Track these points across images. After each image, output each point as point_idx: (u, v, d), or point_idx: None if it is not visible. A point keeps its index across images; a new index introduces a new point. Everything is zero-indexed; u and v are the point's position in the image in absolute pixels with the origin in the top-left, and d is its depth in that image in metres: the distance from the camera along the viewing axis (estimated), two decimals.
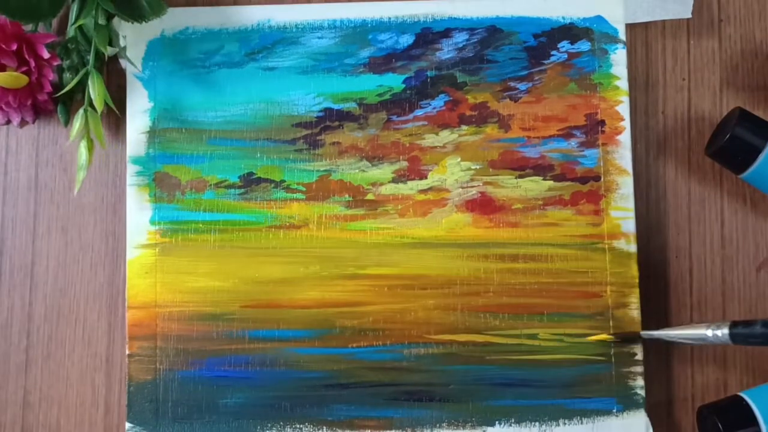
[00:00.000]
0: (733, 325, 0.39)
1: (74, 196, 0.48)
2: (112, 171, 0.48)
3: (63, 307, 0.47)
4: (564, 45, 0.46)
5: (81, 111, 0.44)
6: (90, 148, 0.44)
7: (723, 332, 0.39)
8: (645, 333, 0.43)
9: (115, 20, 0.46)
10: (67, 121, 0.47)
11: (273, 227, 0.46)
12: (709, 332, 0.40)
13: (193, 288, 0.45)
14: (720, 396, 0.46)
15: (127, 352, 0.45)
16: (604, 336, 0.44)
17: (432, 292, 0.45)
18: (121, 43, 0.46)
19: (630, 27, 0.47)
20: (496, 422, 0.44)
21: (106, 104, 0.43)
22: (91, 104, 0.44)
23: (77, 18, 0.45)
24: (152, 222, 0.46)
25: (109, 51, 0.45)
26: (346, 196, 0.46)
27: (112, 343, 0.47)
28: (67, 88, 0.43)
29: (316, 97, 0.47)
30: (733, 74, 0.48)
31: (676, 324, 0.46)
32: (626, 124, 0.46)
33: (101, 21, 0.45)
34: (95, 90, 0.43)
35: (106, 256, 0.47)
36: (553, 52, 0.46)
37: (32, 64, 0.43)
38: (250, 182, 0.46)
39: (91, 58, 0.44)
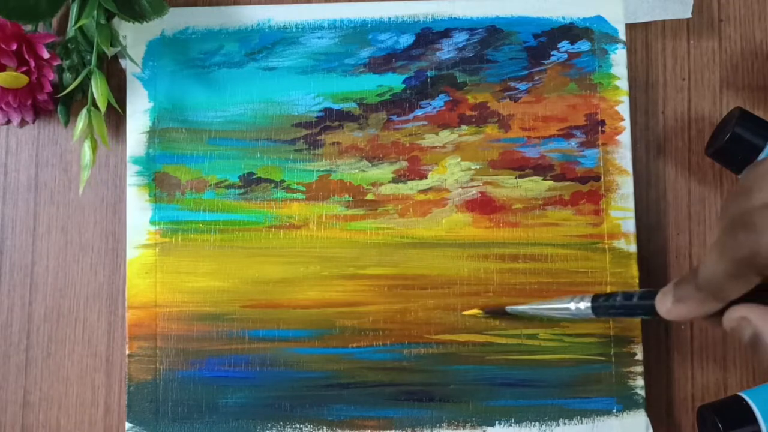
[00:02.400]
0: (595, 298, 0.39)
1: (79, 196, 0.48)
2: (112, 171, 0.48)
3: (63, 307, 0.47)
4: (564, 45, 0.46)
5: (84, 111, 0.44)
6: (94, 148, 0.44)
7: (585, 305, 0.39)
8: (510, 308, 0.43)
9: (115, 20, 0.46)
10: (67, 121, 0.47)
11: (273, 227, 0.46)
12: (572, 305, 0.40)
13: (193, 288, 0.45)
14: (720, 396, 0.46)
15: (127, 352, 0.45)
16: (475, 311, 0.44)
17: (432, 292, 0.45)
18: (122, 42, 0.46)
19: (630, 27, 0.47)
20: (496, 422, 0.44)
21: (107, 103, 0.43)
22: (93, 104, 0.44)
23: (78, 18, 0.45)
24: (152, 222, 0.46)
25: (110, 51, 0.45)
26: (346, 196, 0.46)
27: (112, 343, 0.47)
28: (70, 88, 0.43)
29: (316, 97, 0.47)
30: (733, 74, 0.48)
31: (675, 324, 0.46)
32: (626, 124, 0.46)
33: (101, 21, 0.45)
34: (98, 89, 0.43)
35: (106, 256, 0.47)
36: (553, 52, 0.46)
37: (32, 64, 0.43)
38: (250, 182, 0.46)
39: (93, 57, 0.44)
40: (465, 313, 0.45)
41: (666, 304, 0.34)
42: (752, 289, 0.30)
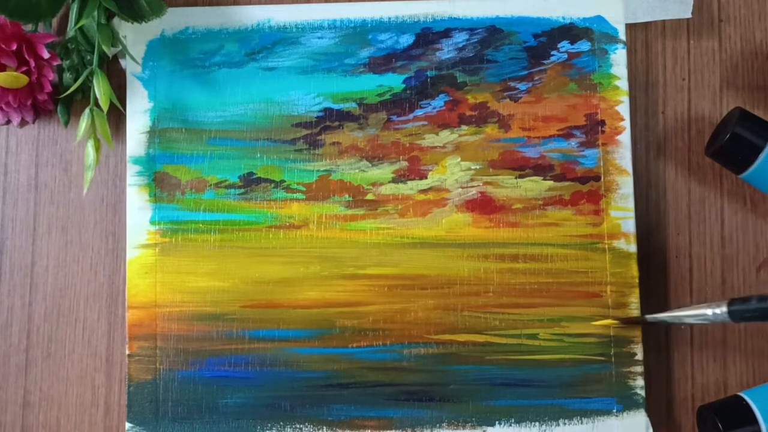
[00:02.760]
0: (731, 302, 0.40)
1: (77, 196, 0.48)
2: (112, 171, 0.48)
3: (63, 307, 0.47)
4: (564, 45, 0.46)
5: (87, 111, 0.44)
6: (97, 148, 0.44)
7: (722, 309, 0.40)
8: (650, 316, 0.43)
9: (115, 20, 0.46)
10: (67, 121, 0.47)
11: (273, 227, 0.46)
12: (709, 311, 0.41)
13: (193, 288, 0.45)
14: (720, 396, 0.46)
15: (127, 352, 0.45)
16: (608, 321, 0.44)
17: (432, 292, 0.45)
18: (123, 42, 0.46)
19: (630, 27, 0.47)
20: (496, 422, 0.44)
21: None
22: (96, 104, 0.44)
23: (78, 18, 0.45)
24: (152, 222, 0.46)
25: (108, 50, 0.45)
26: (346, 196, 0.46)
27: (112, 343, 0.47)
28: (73, 88, 0.43)
29: (316, 97, 0.47)
30: (733, 74, 0.48)
31: (675, 327, 0.46)
32: (626, 124, 0.46)
33: (102, 21, 0.45)
34: (100, 89, 0.43)
35: (106, 256, 0.47)
36: (553, 52, 0.46)
37: (32, 64, 0.43)
38: (250, 182, 0.46)
39: (95, 57, 0.44)
40: (596, 323, 0.44)
41: None
42: None
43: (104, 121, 0.44)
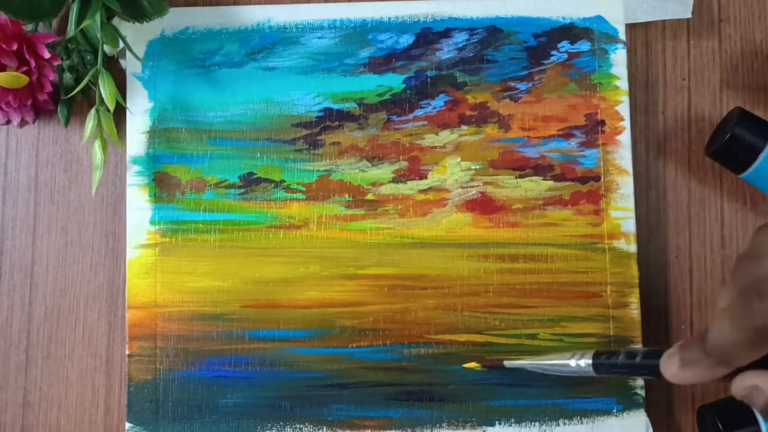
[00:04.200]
0: (597, 355, 0.38)
1: (83, 196, 0.47)
2: (112, 171, 0.48)
3: (63, 307, 0.47)
4: (564, 45, 0.46)
5: (92, 111, 0.44)
6: (104, 148, 0.44)
7: (586, 362, 0.38)
8: (508, 363, 0.42)
9: (115, 20, 0.46)
10: (68, 121, 0.47)
11: (273, 227, 0.46)
12: (572, 362, 0.39)
13: (193, 288, 0.45)
14: (720, 396, 0.46)
15: (127, 352, 0.45)
16: (473, 364, 0.43)
17: (432, 292, 0.45)
18: (125, 41, 0.46)
19: (630, 27, 0.47)
20: (496, 422, 0.44)
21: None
22: (102, 103, 0.44)
23: (79, 18, 0.45)
24: (152, 222, 0.46)
25: (110, 51, 0.45)
26: (346, 196, 0.46)
27: (112, 343, 0.47)
28: (79, 88, 0.43)
29: (316, 97, 0.47)
30: (733, 74, 0.48)
31: (676, 324, 0.46)
32: (626, 124, 0.46)
33: (103, 21, 0.45)
34: (106, 89, 0.43)
35: (106, 256, 0.47)
36: (553, 52, 0.47)
37: (32, 64, 0.43)
38: (250, 182, 0.46)
39: (99, 57, 0.44)
40: (465, 366, 0.44)
41: (671, 368, 0.32)
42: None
43: (111, 121, 0.44)
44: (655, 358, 0.33)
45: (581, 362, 0.38)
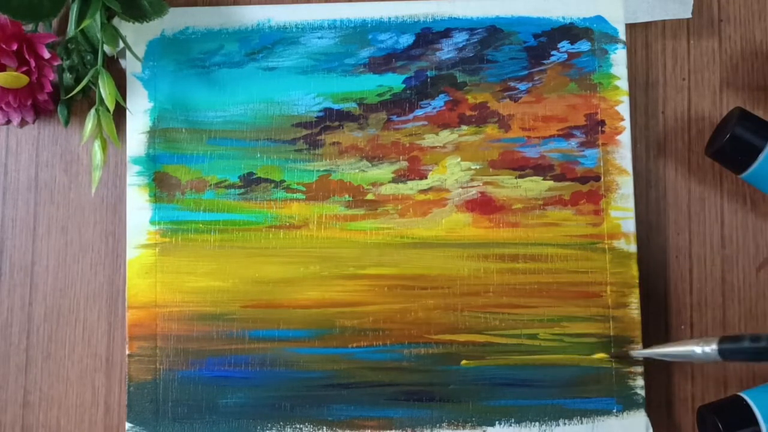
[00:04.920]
0: (722, 340, 0.38)
1: (82, 196, 0.48)
2: (112, 171, 0.48)
3: (63, 307, 0.47)
4: (564, 45, 0.46)
5: (92, 111, 0.44)
6: (104, 148, 0.44)
7: (712, 348, 0.38)
8: (636, 352, 0.43)
9: (115, 20, 0.46)
10: (68, 121, 0.47)
11: (273, 227, 0.46)
12: (698, 348, 0.39)
13: (193, 288, 0.45)
14: (720, 396, 0.46)
15: (127, 352, 0.45)
16: (602, 355, 0.44)
17: (432, 292, 0.45)
18: (126, 41, 0.46)
19: (630, 27, 0.47)
20: (496, 422, 0.44)
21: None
22: (102, 103, 0.44)
23: (79, 18, 0.45)
24: (152, 222, 0.46)
25: (110, 51, 0.45)
26: (346, 196, 0.46)
27: (112, 343, 0.47)
28: (79, 88, 0.44)
29: (316, 97, 0.47)
30: (733, 74, 0.48)
31: (675, 324, 0.46)
32: (626, 124, 0.46)
33: (102, 21, 0.45)
34: (106, 89, 0.43)
35: (106, 256, 0.47)
36: (553, 52, 0.47)
37: (32, 64, 0.43)
38: (250, 182, 0.46)
39: (99, 57, 0.44)
40: (594, 356, 0.44)
41: None
42: None
43: (110, 121, 0.44)
44: None
45: (707, 348, 0.39)
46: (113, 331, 0.47)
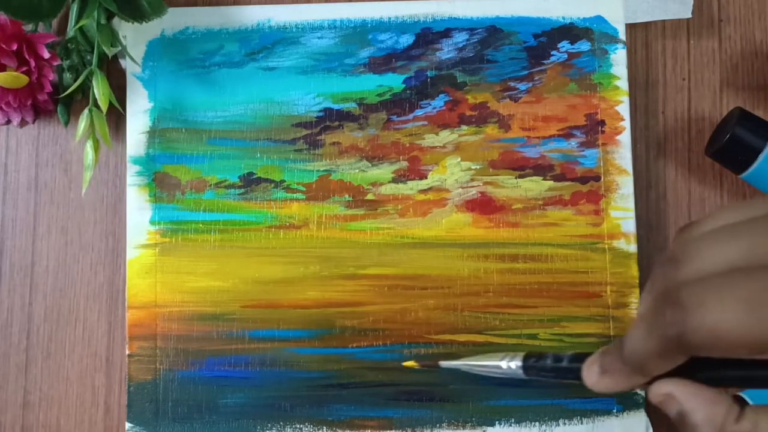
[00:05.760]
0: (527, 357, 0.37)
1: (77, 196, 0.48)
2: (112, 171, 0.48)
3: (63, 307, 0.47)
4: (564, 45, 0.46)
5: (86, 111, 0.44)
6: (96, 148, 0.44)
7: (516, 364, 0.37)
8: (443, 363, 0.41)
9: (115, 20, 0.46)
10: (67, 121, 0.47)
11: (273, 227, 0.46)
12: (504, 363, 0.38)
13: (193, 288, 0.45)
14: None
15: (127, 352, 0.45)
16: (411, 363, 0.43)
17: (432, 292, 0.45)
18: (122, 42, 0.46)
19: (630, 27, 0.47)
20: (496, 422, 0.44)
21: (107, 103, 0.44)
22: (95, 104, 0.44)
23: (78, 18, 0.45)
24: (152, 222, 0.46)
25: (108, 51, 0.45)
26: (346, 196, 0.46)
27: (112, 343, 0.47)
28: (72, 88, 0.43)
29: (316, 97, 0.47)
30: (733, 74, 0.48)
31: None
32: (626, 124, 0.46)
33: (101, 21, 0.45)
34: (99, 89, 0.43)
35: (106, 256, 0.47)
36: (553, 52, 0.47)
37: (32, 64, 0.43)
38: (250, 182, 0.46)
39: (94, 57, 0.44)
40: (404, 364, 0.43)
41: (592, 376, 0.31)
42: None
43: (103, 122, 0.44)
44: (582, 363, 0.32)
45: (512, 364, 0.38)
46: (113, 331, 0.47)
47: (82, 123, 0.44)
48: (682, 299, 0.25)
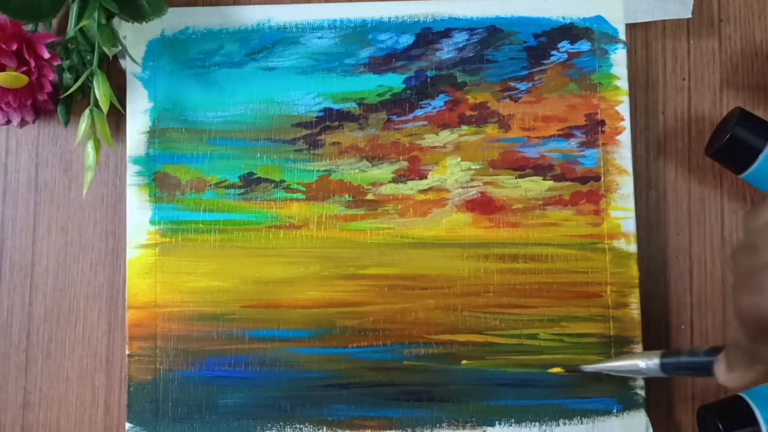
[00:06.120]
0: (664, 354, 0.39)
1: (77, 196, 0.48)
2: (112, 171, 0.48)
3: (63, 307, 0.47)
4: (564, 45, 0.46)
5: (87, 111, 0.44)
6: (97, 149, 0.44)
7: (654, 362, 0.39)
8: (585, 367, 0.43)
9: (115, 20, 0.46)
10: (67, 121, 0.47)
11: (273, 227, 0.46)
12: (642, 363, 0.40)
13: (193, 288, 0.45)
14: (720, 396, 0.45)
15: (127, 352, 0.45)
16: (557, 369, 0.44)
17: (432, 292, 0.45)
18: (123, 42, 0.46)
19: (630, 27, 0.47)
20: (496, 422, 0.44)
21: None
22: (96, 104, 0.44)
23: (78, 18, 0.45)
24: (152, 222, 0.46)
25: (108, 51, 0.45)
26: (346, 196, 0.46)
27: (112, 343, 0.47)
28: (73, 88, 0.43)
29: (316, 97, 0.47)
30: (733, 74, 0.48)
31: (675, 324, 0.46)
32: (626, 124, 0.46)
33: (101, 21, 0.45)
34: (100, 90, 0.43)
35: (106, 256, 0.47)
36: (553, 52, 0.46)
37: (32, 64, 0.43)
38: (250, 182, 0.46)
39: (95, 58, 0.44)
40: (550, 371, 0.44)
41: (722, 373, 0.32)
42: None
43: (104, 122, 0.44)
44: (715, 356, 0.33)
45: (650, 363, 0.40)
46: (113, 331, 0.47)
47: (83, 123, 0.44)
48: (761, 282, 0.25)
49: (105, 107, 0.43)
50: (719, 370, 0.32)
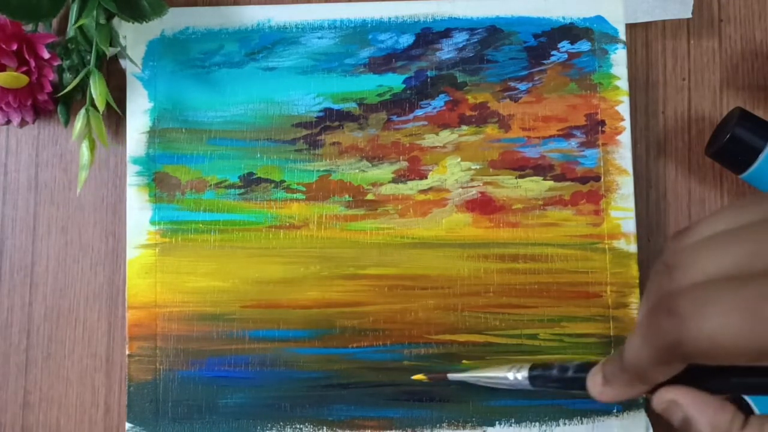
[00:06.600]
0: (533, 367, 0.38)
1: (76, 196, 0.48)
2: (112, 171, 0.48)
3: (63, 307, 0.47)
4: (564, 45, 0.46)
5: (83, 111, 0.44)
6: (92, 148, 0.44)
7: (523, 375, 0.38)
8: (451, 375, 0.43)
9: (115, 20, 0.46)
10: (67, 121, 0.47)
11: (273, 227, 0.46)
12: (510, 375, 0.39)
13: (193, 288, 0.45)
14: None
15: (127, 352, 0.45)
16: (420, 376, 0.44)
17: (432, 292, 0.45)
18: (122, 42, 0.46)
19: (630, 27, 0.47)
20: (496, 422, 0.44)
21: (107, 104, 0.43)
22: (92, 104, 0.44)
23: (78, 18, 0.45)
24: (152, 222, 0.46)
25: (109, 51, 0.45)
26: (346, 196, 0.46)
27: (112, 343, 0.47)
28: (68, 88, 0.43)
29: (316, 97, 0.47)
30: (733, 74, 0.48)
31: None
32: (626, 124, 0.46)
33: (101, 21, 0.45)
34: (97, 90, 0.43)
35: (106, 256, 0.47)
36: (553, 52, 0.47)
37: (32, 64, 0.43)
38: (250, 182, 0.46)
39: (92, 57, 0.44)
40: (413, 378, 0.44)
41: (596, 386, 0.31)
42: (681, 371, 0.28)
43: (100, 122, 0.44)
44: (586, 373, 0.32)
45: (518, 375, 0.38)
46: (113, 331, 0.47)
47: (79, 123, 0.44)
48: (677, 307, 0.25)
49: (101, 106, 0.43)
50: (593, 382, 0.31)
